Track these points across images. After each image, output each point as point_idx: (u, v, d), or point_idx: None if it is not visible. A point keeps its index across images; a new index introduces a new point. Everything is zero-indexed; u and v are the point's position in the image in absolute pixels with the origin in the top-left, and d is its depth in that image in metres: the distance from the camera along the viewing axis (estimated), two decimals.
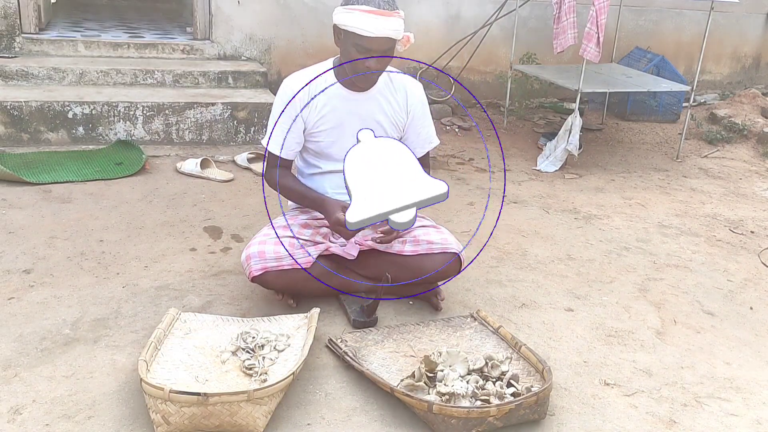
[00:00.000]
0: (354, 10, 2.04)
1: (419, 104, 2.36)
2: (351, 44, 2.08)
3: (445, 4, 5.25)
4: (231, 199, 3.33)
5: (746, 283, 2.86)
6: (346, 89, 2.25)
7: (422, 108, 2.38)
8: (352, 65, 2.13)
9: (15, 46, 4.36)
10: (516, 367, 1.97)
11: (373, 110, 2.29)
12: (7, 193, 3.15)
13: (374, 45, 2.06)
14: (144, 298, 2.34)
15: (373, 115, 2.29)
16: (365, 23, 2.02)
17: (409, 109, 2.34)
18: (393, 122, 2.33)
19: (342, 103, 2.26)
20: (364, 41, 2.05)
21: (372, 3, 2.04)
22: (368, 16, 2.02)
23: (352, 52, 2.10)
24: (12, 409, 1.75)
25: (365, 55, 2.09)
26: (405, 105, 2.34)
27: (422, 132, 2.40)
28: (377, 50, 2.08)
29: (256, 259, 2.19)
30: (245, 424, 1.68)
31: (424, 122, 2.40)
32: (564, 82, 4.43)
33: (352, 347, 2.05)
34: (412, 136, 2.39)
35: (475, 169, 4.16)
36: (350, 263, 2.34)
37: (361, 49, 2.08)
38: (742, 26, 6.27)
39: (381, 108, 2.30)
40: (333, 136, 2.29)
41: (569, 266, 2.86)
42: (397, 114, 2.33)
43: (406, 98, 2.33)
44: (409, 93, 2.34)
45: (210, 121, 4.02)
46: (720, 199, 3.97)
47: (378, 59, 2.10)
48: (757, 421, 1.93)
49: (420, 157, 2.42)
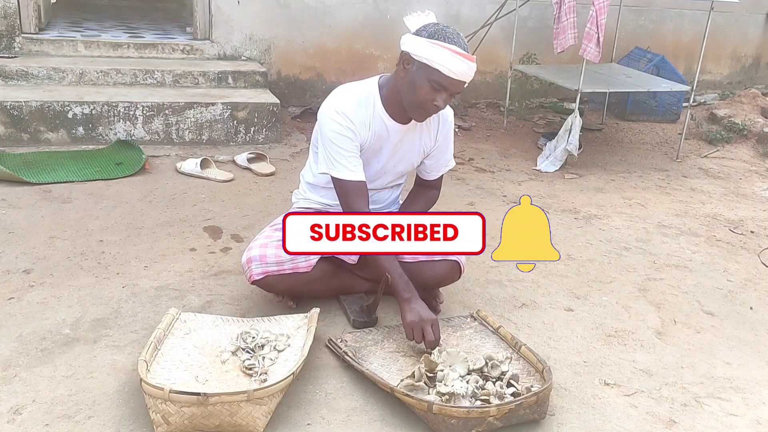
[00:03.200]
0: (442, 47, 1.94)
1: (449, 130, 2.31)
2: (426, 79, 1.98)
3: (445, 4, 5.25)
4: (231, 199, 3.33)
5: (746, 283, 2.86)
6: (392, 119, 2.17)
7: (450, 133, 2.33)
8: (418, 101, 2.03)
9: (15, 46, 4.37)
10: (516, 367, 1.97)
11: (410, 140, 2.24)
12: (7, 193, 3.15)
13: (451, 86, 2.00)
14: (144, 298, 2.34)
15: (409, 144, 2.25)
16: (452, 63, 1.94)
17: (439, 136, 2.29)
18: (423, 150, 2.29)
19: (386, 133, 2.19)
20: (444, 80, 1.97)
21: (459, 44, 1.97)
22: (456, 57, 1.95)
23: (425, 87, 2.00)
24: (12, 409, 1.74)
25: (438, 94, 2.01)
26: (436, 132, 2.28)
27: (443, 157, 2.35)
28: (452, 91, 2.02)
29: (257, 262, 2.19)
30: (245, 424, 1.68)
31: (448, 147, 2.35)
32: (564, 82, 4.43)
33: (352, 347, 2.05)
34: (433, 160, 2.34)
35: (475, 169, 4.16)
36: (350, 266, 2.34)
37: (437, 86, 1.99)
38: (742, 26, 6.27)
39: (418, 138, 2.25)
40: (367, 157, 2.22)
41: (569, 266, 2.86)
42: (427, 142, 2.28)
43: (438, 125, 2.27)
44: (441, 119, 2.27)
45: (210, 121, 4.03)
46: (720, 199, 3.97)
47: (446, 99, 2.04)
48: (757, 421, 1.93)
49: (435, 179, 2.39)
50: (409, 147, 2.26)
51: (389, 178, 2.34)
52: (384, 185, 2.35)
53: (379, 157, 2.24)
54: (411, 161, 2.30)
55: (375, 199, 2.35)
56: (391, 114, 2.16)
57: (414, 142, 2.25)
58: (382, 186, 2.35)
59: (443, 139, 2.31)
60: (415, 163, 2.32)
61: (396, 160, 2.28)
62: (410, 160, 2.30)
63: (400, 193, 2.49)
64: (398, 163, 2.29)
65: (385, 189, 2.38)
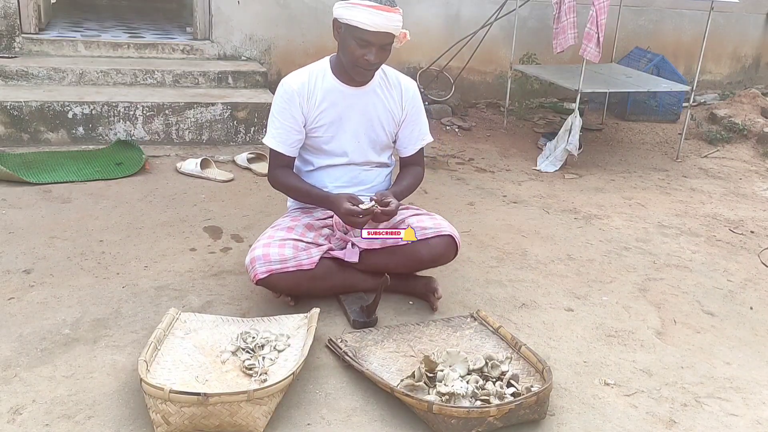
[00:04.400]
0: (356, 5, 2.10)
1: (414, 100, 2.41)
2: (351, 37, 2.14)
3: (445, 4, 5.25)
4: (231, 199, 3.33)
5: (746, 283, 2.86)
6: (344, 84, 2.30)
7: (417, 103, 2.43)
8: (351, 59, 2.18)
9: (15, 46, 4.36)
10: (516, 367, 1.97)
11: (373, 104, 2.34)
12: (7, 193, 3.15)
13: (374, 39, 2.13)
14: (144, 298, 2.34)
15: (373, 109, 2.35)
16: (367, 17, 2.09)
17: (404, 104, 2.39)
18: (391, 117, 2.38)
19: (341, 98, 2.30)
20: (365, 35, 2.11)
21: None
22: (370, 11, 2.09)
23: (352, 46, 2.15)
24: (12, 409, 1.74)
25: (365, 49, 2.14)
26: (401, 100, 2.38)
27: (416, 128, 2.45)
28: (377, 44, 2.14)
29: (260, 261, 2.19)
30: (245, 424, 1.68)
31: (419, 119, 2.45)
32: (564, 82, 4.43)
33: (352, 347, 2.05)
34: (406, 132, 2.44)
35: (475, 169, 4.16)
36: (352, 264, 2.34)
37: (361, 43, 2.14)
38: (742, 26, 6.28)
39: (380, 102, 2.35)
40: (332, 131, 2.33)
41: (569, 266, 2.86)
42: (394, 109, 2.38)
43: (401, 93, 2.38)
44: (404, 88, 2.39)
45: (210, 121, 4.02)
46: (720, 199, 3.97)
47: (377, 53, 2.16)
48: (757, 421, 1.93)
49: (413, 155, 2.49)
50: (376, 113, 2.35)
51: (367, 152, 2.39)
52: (364, 159, 2.40)
53: (344, 125, 2.33)
54: (383, 129, 2.38)
55: (362, 179, 2.42)
56: (342, 79, 2.29)
57: (378, 107, 2.35)
58: (363, 161, 2.40)
59: (411, 108, 2.41)
60: (389, 131, 2.40)
61: (366, 128, 2.36)
62: (381, 128, 2.38)
63: (389, 176, 2.52)
64: (369, 131, 2.37)
65: (370, 167, 2.43)
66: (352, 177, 2.40)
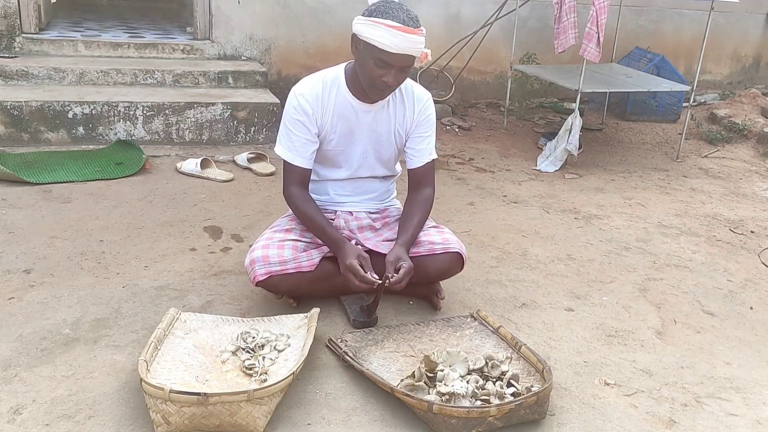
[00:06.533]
0: (379, 24, 1.99)
1: (426, 110, 2.31)
2: (370, 57, 2.03)
3: (445, 4, 5.25)
4: (231, 199, 3.33)
5: (746, 283, 2.86)
6: (357, 99, 2.21)
7: (430, 121, 2.32)
8: (369, 78, 2.08)
9: (15, 46, 4.37)
10: (516, 367, 1.97)
11: (384, 121, 2.27)
12: (7, 193, 3.15)
13: (394, 61, 2.02)
14: (144, 298, 2.34)
15: (383, 126, 2.27)
16: (389, 39, 1.98)
17: (417, 116, 2.29)
18: (400, 133, 2.30)
19: (352, 115, 2.23)
20: (385, 56, 2.01)
21: (397, 18, 1.99)
22: (393, 32, 1.98)
23: (370, 65, 2.05)
24: (12, 409, 1.74)
25: (384, 70, 2.04)
26: (413, 112, 2.29)
27: (423, 142, 2.32)
28: (397, 66, 2.04)
29: (260, 263, 2.18)
30: (245, 424, 1.68)
31: (430, 131, 2.33)
32: (564, 82, 4.43)
33: (352, 347, 2.05)
34: (414, 142, 2.32)
35: (475, 169, 4.16)
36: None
37: (380, 63, 2.03)
38: (742, 26, 6.27)
39: (392, 119, 2.27)
40: (342, 144, 2.27)
41: (569, 266, 2.86)
42: (406, 125, 2.30)
43: (414, 104, 2.28)
44: (416, 100, 2.28)
45: (210, 121, 4.02)
46: (720, 199, 3.97)
47: (395, 75, 2.06)
48: (757, 421, 1.93)
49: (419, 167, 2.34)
50: (387, 129, 2.28)
51: (375, 166, 2.35)
52: (371, 174, 2.37)
53: (355, 140, 2.27)
54: (392, 145, 2.31)
55: (366, 189, 2.39)
56: (356, 94, 2.21)
57: (390, 123, 2.27)
58: (369, 175, 2.37)
59: (424, 119, 2.30)
60: (398, 146, 2.32)
61: (376, 145, 2.29)
62: (391, 144, 2.31)
63: (393, 186, 2.50)
64: (379, 148, 2.31)
65: (374, 179, 2.40)
66: (356, 187, 2.38)
